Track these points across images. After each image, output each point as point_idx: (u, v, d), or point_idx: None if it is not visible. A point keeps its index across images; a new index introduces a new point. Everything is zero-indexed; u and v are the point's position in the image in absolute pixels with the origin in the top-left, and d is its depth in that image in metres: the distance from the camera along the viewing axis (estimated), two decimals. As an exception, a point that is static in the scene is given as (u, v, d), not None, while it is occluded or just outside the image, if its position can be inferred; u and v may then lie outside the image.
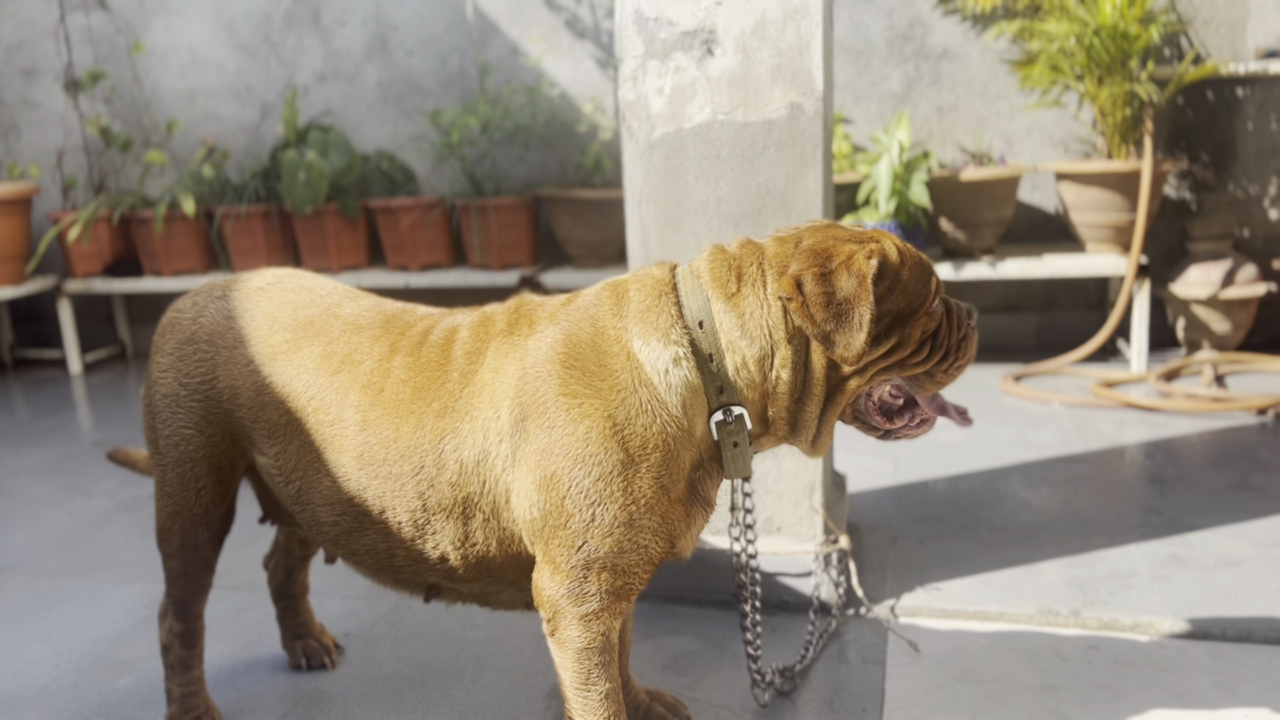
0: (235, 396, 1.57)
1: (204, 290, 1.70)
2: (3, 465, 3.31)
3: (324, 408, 1.49)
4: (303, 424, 1.51)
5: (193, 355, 1.61)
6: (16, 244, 4.46)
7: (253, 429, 1.56)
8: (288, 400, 1.52)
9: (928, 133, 4.08)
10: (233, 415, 1.58)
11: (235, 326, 1.60)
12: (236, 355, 1.58)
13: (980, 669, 1.83)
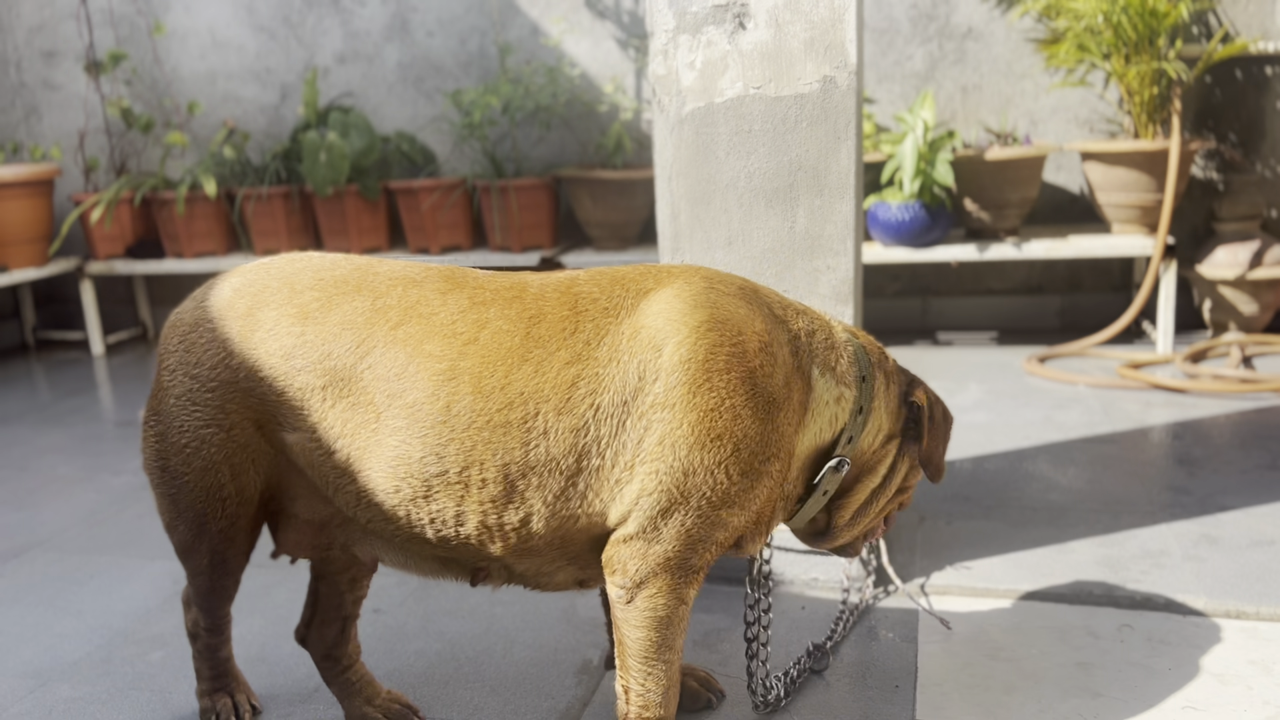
0: (256, 370, 1.45)
1: (201, 286, 1.59)
2: (29, 444, 3.33)
3: (384, 362, 1.40)
4: (353, 382, 1.41)
5: (199, 341, 1.49)
6: (39, 226, 4.47)
7: (280, 403, 1.44)
8: (329, 359, 1.42)
9: (951, 112, 4.05)
10: (254, 393, 1.45)
11: (247, 297, 1.49)
12: (256, 321, 1.46)
13: (1012, 647, 1.82)
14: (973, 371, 3.57)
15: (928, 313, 4.27)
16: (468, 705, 1.72)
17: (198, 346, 1.49)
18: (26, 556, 2.43)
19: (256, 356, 1.45)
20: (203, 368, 1.48)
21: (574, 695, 1.74)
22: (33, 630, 2.07)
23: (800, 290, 1.93)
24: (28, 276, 4.45)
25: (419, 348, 1.40)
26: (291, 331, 1.44)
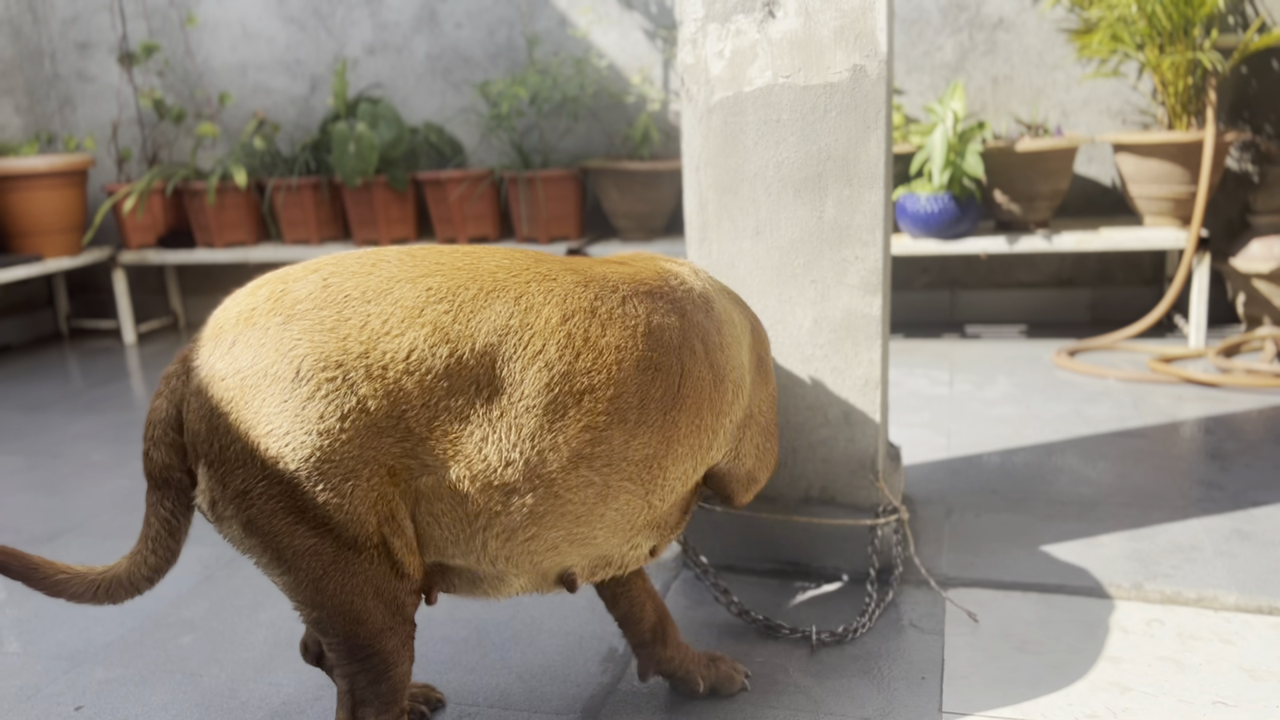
0: (385, 368, 1.23)
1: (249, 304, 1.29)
2: (61, 431, 3.37)
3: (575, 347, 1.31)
4: (544, 370, 1.29)
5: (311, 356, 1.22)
6: (73, 216, 4.53)
7: (437, 414, 1.25)
8: (501, 348, 1.27)
9: (982, 104, 4.02)
10: (392, 410, 1.23)
11: (362, 289, 1.27)
12: (381, 310, 1.25)
13: (1040, 640, 1.81)
14: (1001, 365, 3.54)
15: (956, 305, 4.24)
16: (494, 691, 1.73)
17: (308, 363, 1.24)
18: (60, 541, 2.47)
19: (388, 356, 1.25)
20: (320, 403, 1.22)
21: (600, 682, 1.75)
22: (66, 613, 2.10)
23: (828, 280, 1.93)
24: (61, 266, 4.51)
25: (602, 338, 1.34)
26: (448, 317, 1.28)
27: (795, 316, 1.96)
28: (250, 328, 1.24)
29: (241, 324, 1.25)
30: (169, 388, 1.28)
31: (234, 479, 1.23)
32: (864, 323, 1.93)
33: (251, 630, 1.99)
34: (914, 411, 3.06)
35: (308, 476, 1.21)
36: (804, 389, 2.00)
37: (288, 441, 1.21)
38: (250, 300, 1.28)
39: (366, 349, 1.23)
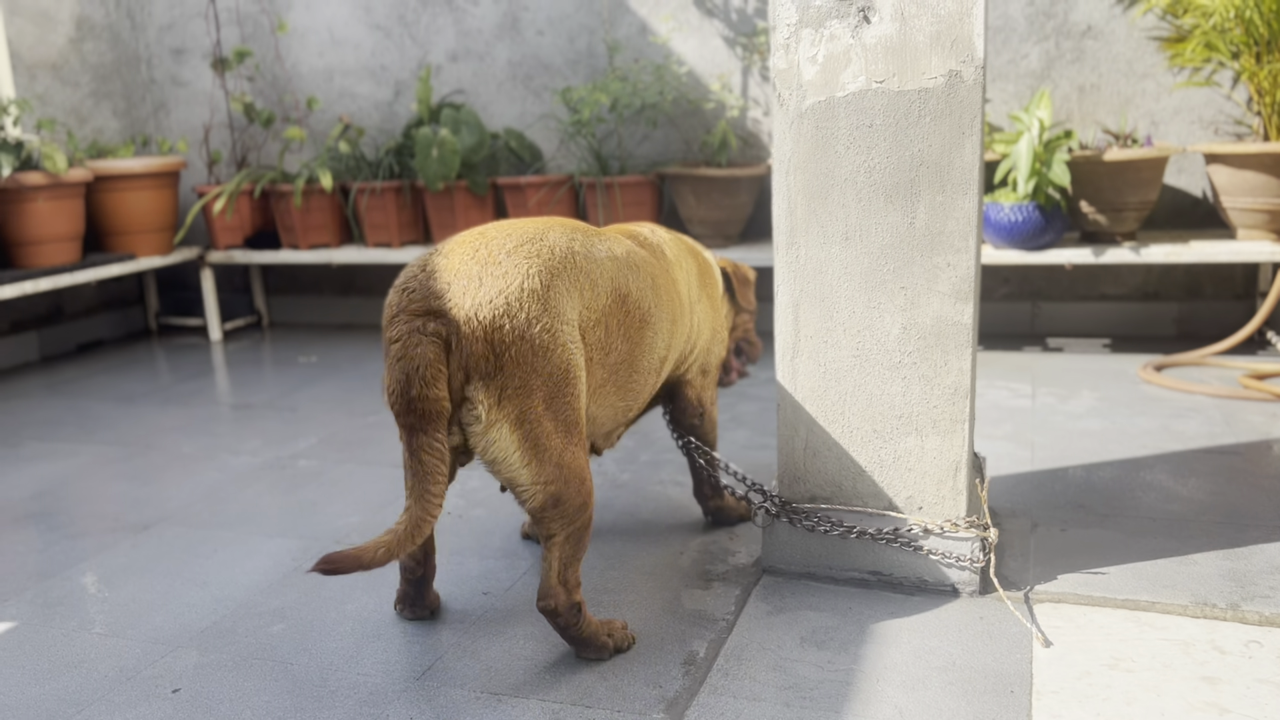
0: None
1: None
2: (153, 423, 3.48)
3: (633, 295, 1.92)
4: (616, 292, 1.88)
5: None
6: (165, 216, 4.67)
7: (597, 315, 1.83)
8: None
9: (1068, 112, 3.95)
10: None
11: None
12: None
13: (1132, 658, 1.77)
14: (1085, 379, 3.47)
15: (1038, 317, 4.17)
16: (577, 688, 1.75)
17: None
18: (155, 529, 2.54)
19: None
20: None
21: (680, 686, 1.75)
22: (162, 599, 2.17)
23: (919, 287, 1.91)
24: (153, 264, 4.66)
25: (646, 287, 1.96)
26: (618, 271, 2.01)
27: (884, 323, 1.95)
28: (485, 266, 1.68)
29: (475, 268, 1.68)
30: (425, 336, 1.63)
31: (512, 381, 1.64)
32: (954, 330, 1.92)
33: (340, 621, 2.03)
34: (996, 424, 3.02)
35: (560, 364, 1.68)
36: (891, 396, 1.98)
37: (553, 335, 1.67)
38: (462, 254, 1.72)
39: (565, 265, 1.75)
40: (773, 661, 1.81)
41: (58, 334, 4.73)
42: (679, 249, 2.19)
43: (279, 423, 3.41)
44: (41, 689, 1.83)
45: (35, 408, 3.75)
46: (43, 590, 2.23)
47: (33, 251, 4.19)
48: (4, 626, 2.07)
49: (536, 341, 1.64)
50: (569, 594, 1.77)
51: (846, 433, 2.03)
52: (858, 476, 2.04)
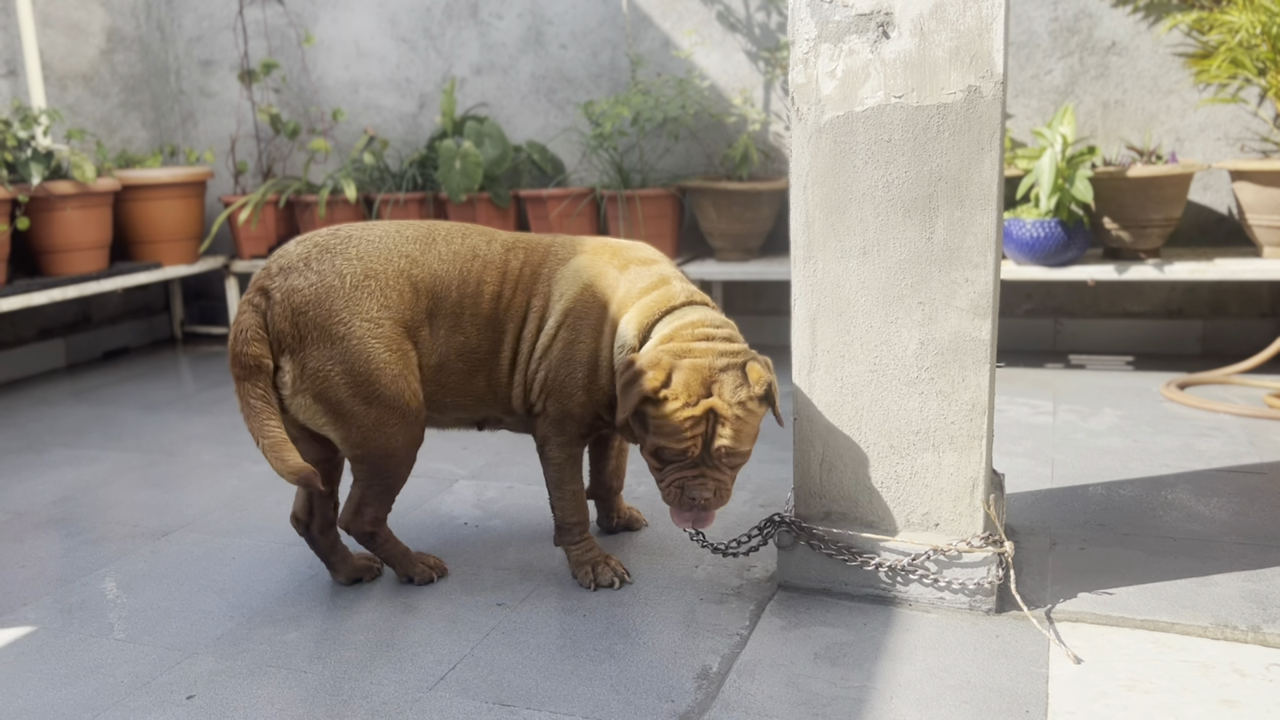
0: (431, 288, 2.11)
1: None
2: (177, 431, 3.51)
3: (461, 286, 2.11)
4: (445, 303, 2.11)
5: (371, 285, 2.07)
6: (191, 225, 4.72)
7: (419, 327, 2.07)
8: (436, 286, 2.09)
9: (1091, 129, 3.93)
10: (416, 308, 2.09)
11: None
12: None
13: (1150, 679, 1.75)
14: (1107, 396, 3.44)
15: (1060, 334, 4.14)
16: (589, 701, 1.75)
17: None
18: (174, 536, 2.56)
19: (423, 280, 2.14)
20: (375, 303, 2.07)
21: (694, 700, 1.74)
22: (180, 605, 2.18)
23: (936, 302, 1.91)
24: (179, 273, 4.71)
25: (479, 284, 2.12)
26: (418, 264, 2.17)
27: (901, 338, 1.95)
28: (317, 258, 2.03)
29: (308, 257, 2.03)
30: (251, 305, 2.01)
31: (310, 361, 1.98)
32: (972, 346, 1.91)
33: (353, 630, 2.03)
34: (1016, 440, 3.00)
35: (358, 355, 1.98)
36: (908, 412, 1.98)
37: (349, 328, 1.98)
38: (303, 248, 2.05)
39: (385, 267, 2.04)
40: (786, 677, 1.80)
41: (84, 341, 4.79)
42: (583, 280, 2.09)
43: (299, 431, 3.43)
44: (59, 694, 1.85)
45: (62, 414, 3.80)
46: (63, 595, 2.25)
47: (61, 259, 4.25)
48: (24, 631, 2.09)
49: (334, 332, 1.97)
50: (360, 523, 2.14)
51: (863, 448, 2.02)
52: (874, 492, 2.03)
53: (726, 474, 1.95)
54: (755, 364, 1.93)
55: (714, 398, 1.89)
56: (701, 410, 1.88)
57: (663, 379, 1.90)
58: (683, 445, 1.90)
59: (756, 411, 1.93)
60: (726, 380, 1.90)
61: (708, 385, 1.89)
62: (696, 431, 1.89)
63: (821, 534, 2.06)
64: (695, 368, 1.90)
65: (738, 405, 1.90)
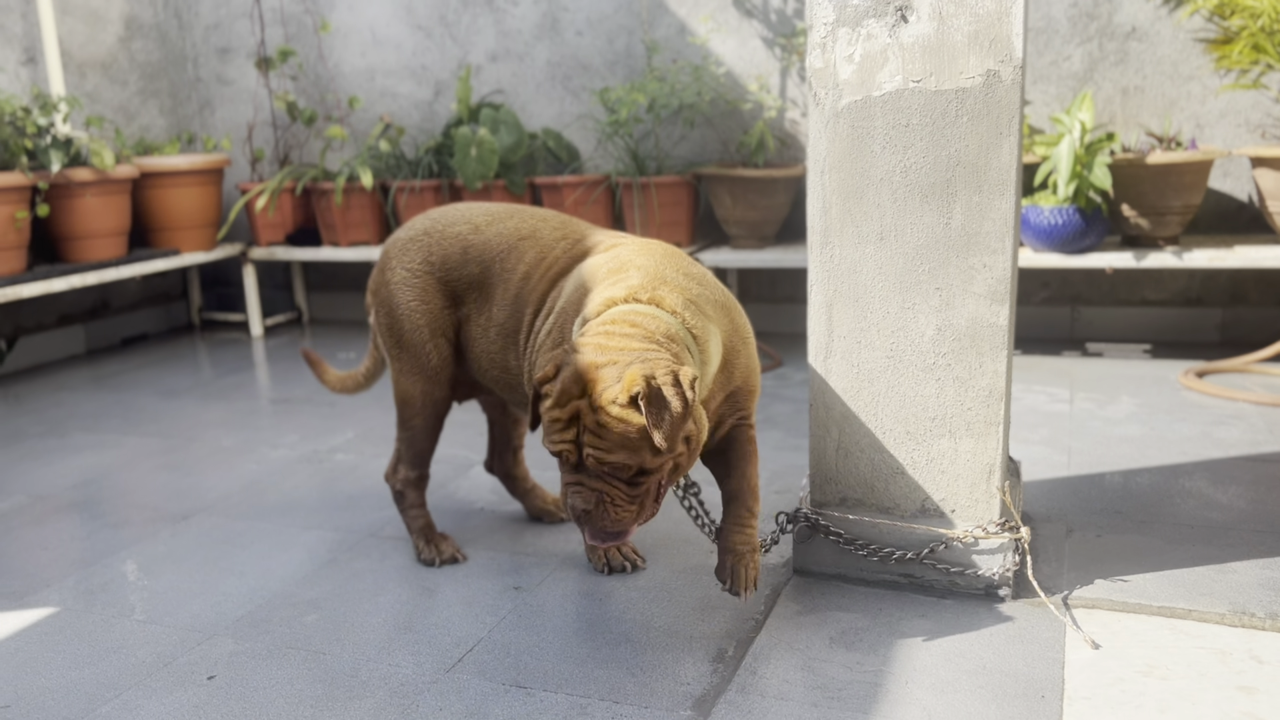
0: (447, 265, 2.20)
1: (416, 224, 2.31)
2: (194, 417, 3.53)
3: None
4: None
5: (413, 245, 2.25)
6: (209, 212, 4.74)
7: (465, 292, 2.18)
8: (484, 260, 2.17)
9: (1110, 115, 3.90)
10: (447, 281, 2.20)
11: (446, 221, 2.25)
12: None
13: (1166, 665, 1.75)
14: (1124, 384, 3.43)
15: (1077, 322, 4.12)
16: (605, 684, 1.76)
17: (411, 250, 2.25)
18: (194, 520, 2.59)
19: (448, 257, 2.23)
20: (414, 263, 2.23)
21: (709, 683, 1.75)
22: (200, 587, 2.21)
23: (954, 288, 1.90)
24: (197, 260, 4.73)
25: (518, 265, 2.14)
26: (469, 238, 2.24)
27: (918, 324, 1.94)
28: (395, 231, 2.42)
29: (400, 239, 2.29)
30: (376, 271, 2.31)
31: (376, 315, 2.29)
32: (990, 332, 1.90)
33: (372, 613, 2.05)
34: (1032, 428, 2.99)
35: (392, 296, 2.23)
36: (925, 398, 1.97)
37: (392, 273, 2.23)
38: (409, 229, 2.29)
39: (445, 229, 2.23)
40: (801, 661, 1.81)
41: (104, 328, 4.82)
42: (581, 279, 1.98)
43: (317, 418, 3.45)
44: (81, 673, 1.87)
45: (82, 400, 3.83)
46: (85, 577, 2.28)
47: (81, 246, 4.27)
48: (47, 611, 2.12)
49: (384, 275, 2.25)
50: (394, 478, 2.31)
51: (879, 434, 2.02)
52: (890, 478, 2.03)
53: (614, 485, 1.71)
54: (638, 367, 1.65)
55: (583, 399, 1.68)
56: (568, 412, 1.69)
57: (551, 373, 1.74)
58: (554, 448, 1.72)
59: (624, 419, 1.65)
60: (603, 380, 1.67)
61: (583, 384, 1.68)
62: (565, 435, 1.70)
63: (837, 520, 2.07)
64: (579, 364, 1.70)
65: (599, 410, 1.66)
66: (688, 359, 1.77)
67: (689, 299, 1.85)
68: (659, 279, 1.87)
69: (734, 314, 1.95)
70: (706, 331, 1.84)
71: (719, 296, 1.93)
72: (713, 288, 1.94)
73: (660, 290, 1.84)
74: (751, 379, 1.96)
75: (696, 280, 1.92)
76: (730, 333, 1.91)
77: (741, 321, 1.96)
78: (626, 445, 1.67)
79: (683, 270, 1.92)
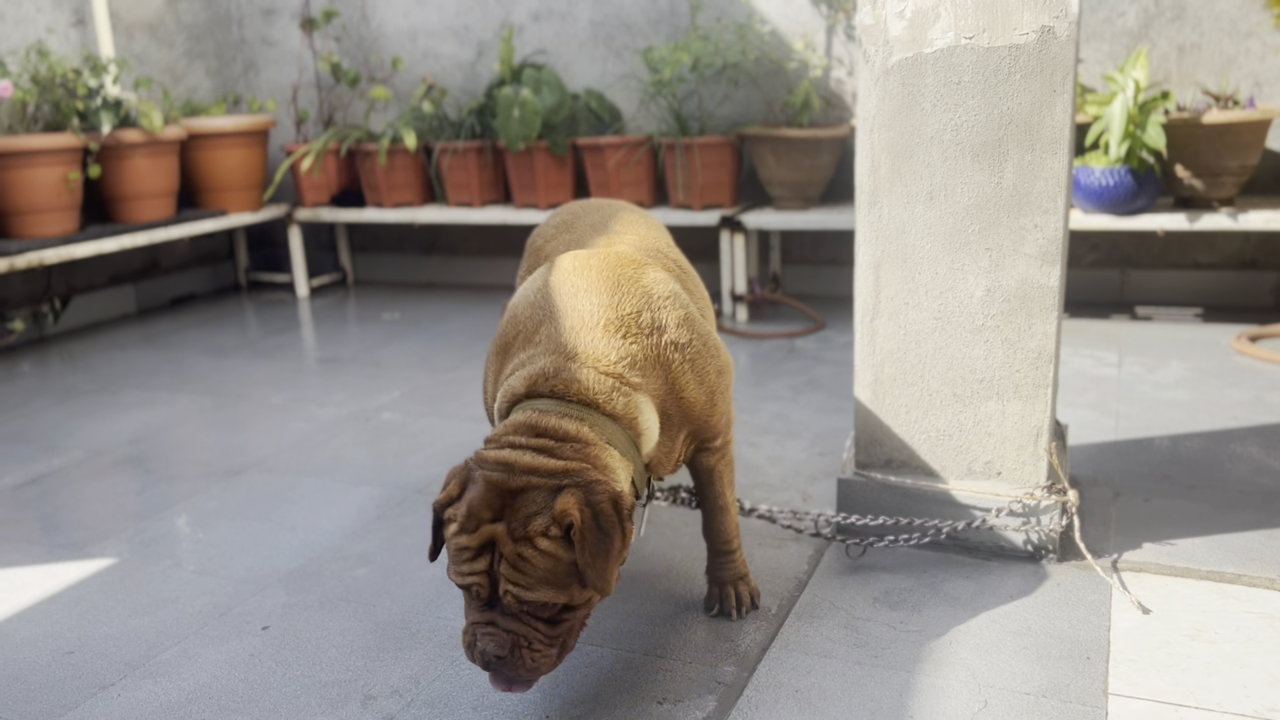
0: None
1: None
2: (242, 376, 3.59)
3: None
4: None
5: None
6: (255, 173, 4.79)
7: None
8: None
9: (1165, 73, 3.81)
10: None
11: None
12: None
13: (1215, 629, 1.74)
14: (1174, 348, 3.38)
15: (1126, 285, 4.06)
16: (650, 640, 1.78)
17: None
18: (244, 476, 2.64)
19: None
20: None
21: (753, 640, 1.77)
22: (251, 541, 2.25)
23: (1005, 249, 1.88)
24: (243, 221, 4.78)
25: None
26: None
27: (966, 284, 1.93)
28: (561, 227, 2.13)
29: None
30: None
31: None
32: (1040, 293, 1.88)
33: (421, 568, 2.09)
34: (1080, 392, 2.96)
35: None
36: (973, 360, 1.96)
37: None
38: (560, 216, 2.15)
39: (546, 227, 2.16)
40: (845, 620, 1.82)
41: (153, 288, 4.90)
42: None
43: (363, 377, 3.49)
44: (141, 621, 1.92)
45: (133, 358, 3.90)
46: (141, 530, 2.34)
47: (131, 207, 4.34)
48: (106, 562, 2.18)
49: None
50: None
51: (925, 396, 2.02)
52: (936, 441, 2.03)
53: (532, 626, 1.46)
54: (574, 491, 1.43)
55: (498, 524, 1.43)
56: (479, 539, 1.44)
57: (456, 493, 1.49)
58: (461, 581, 1.46)
59: (553, 553, 1.42)
60: (525, 505, 1.43)
61: (498, 508, 1.44)
62: (476, 566, 1.44)
63: (880, 482, 2.07)
64: (490, 483, 1.46)
65: (523, 541, 1.42)
66: (612, 457, 1.53)
67: (607, 371, 1.58)
68: (569, 352, 1.59)
69: (672, 356, 1.65)
70: (634, 408, 1.59)
71: (658, 327, 1.65)
72: (658, 305, 1.66)
73: (567, 371, 1.57)
74: (708, 421, 1.72)
75: (626, 323, 1.63)
76: (664, 392, 1.64)
77: (687, 355, 1.66)
78: (553, 582, 1.43)
79: (611, 304, 1.63)
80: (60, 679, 1.75)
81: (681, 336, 1.66)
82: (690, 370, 1.66)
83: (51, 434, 3.03)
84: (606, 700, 1.62)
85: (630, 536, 1.47)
